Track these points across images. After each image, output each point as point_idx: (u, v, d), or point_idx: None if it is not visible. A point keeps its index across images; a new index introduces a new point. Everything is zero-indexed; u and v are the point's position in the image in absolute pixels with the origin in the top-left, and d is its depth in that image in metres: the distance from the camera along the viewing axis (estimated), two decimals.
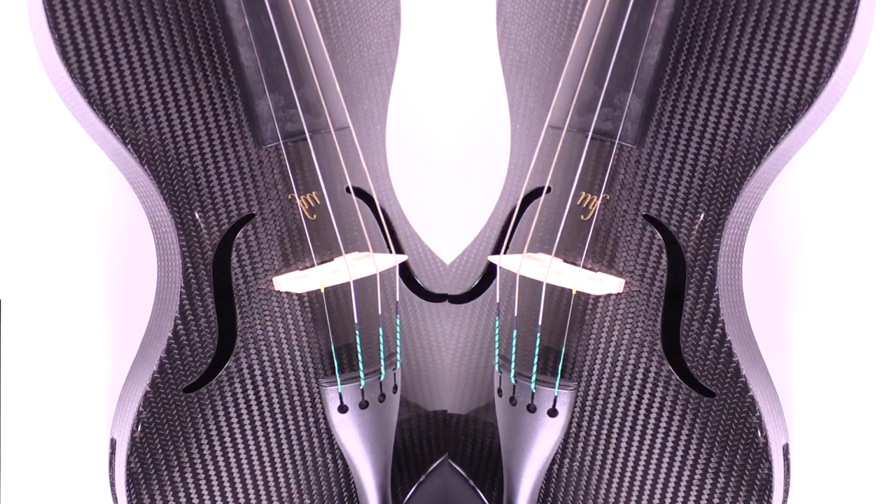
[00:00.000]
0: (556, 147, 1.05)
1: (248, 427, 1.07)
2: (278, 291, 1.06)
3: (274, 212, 1.06)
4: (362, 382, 1.05)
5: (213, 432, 1.06)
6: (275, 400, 1.08)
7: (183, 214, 1.04)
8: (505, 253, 1.09)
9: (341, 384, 1.05)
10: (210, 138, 1.03)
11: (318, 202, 1.05)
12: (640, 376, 1.05)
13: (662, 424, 1.04)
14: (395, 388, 1.07)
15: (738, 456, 1.03)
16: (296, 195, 1.05)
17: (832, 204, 1.24)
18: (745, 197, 1.01)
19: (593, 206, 1.05)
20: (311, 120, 1.04)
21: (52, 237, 1.25)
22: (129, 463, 1.04)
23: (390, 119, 1.16)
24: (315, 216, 1.06)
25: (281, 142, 1.03)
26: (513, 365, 1.05)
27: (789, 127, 0.98)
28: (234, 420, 1.07)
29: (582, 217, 1.05)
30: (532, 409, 1.04)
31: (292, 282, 1.05)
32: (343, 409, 1.05)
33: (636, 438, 1.05)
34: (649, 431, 1.05)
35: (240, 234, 1.05)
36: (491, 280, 1.12)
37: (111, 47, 0.99)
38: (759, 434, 1.02)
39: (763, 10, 0.97)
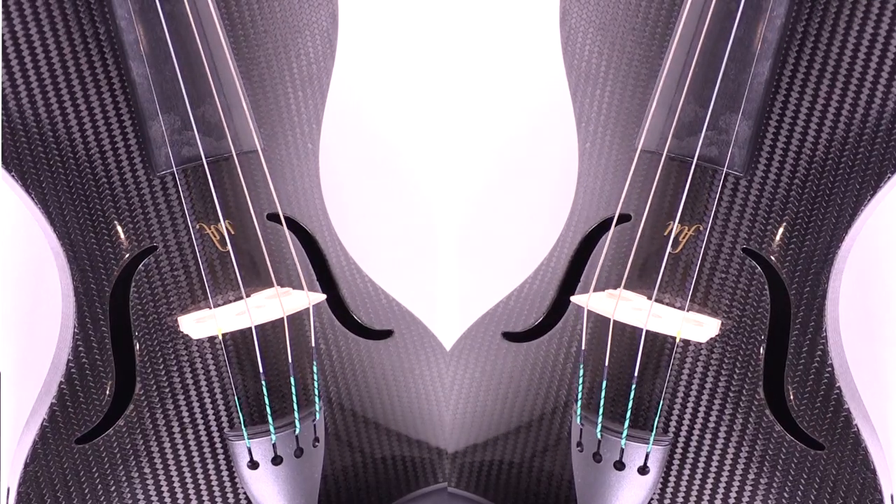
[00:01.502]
0: (642, 171, 0.94)
1: (150, 484, 0.95)
2: (184, 333, 0.94)
3: (180, 244, 0.94)
4: (273, 437, 0.94)
5: (112, 489, 0.94)
6: (181, 453, 0.96)
7: (75, 246, 0.92)
8: (578, 288, 0.99)
9: (249, 438, 0.94)
10: (104, 163, 0.91)
11: (234, 232, 0.95)
12: (738, 427, 0.94)
13: (763, 480, 0.94)
14: (317, 440, 0.96)
15: None
16: (205, 225, 0.94)
17: None
18: (857, 227, 0.91)
19: (684, 237, 0.94)
20: (212, 144, 0.92)
21: None
22: None
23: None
24: (228, 248, 0.95)
25: (175, 168, 0.91)
26: (600, 418, 0.93)
27: None
28: (135, 475, 0.95)
29: (670, 250, 0.94)
30: (620, 466, 0.93)
31: (193, 324, 0.93)
32: (253, 465, 0.94)
33: (733, 495, 0.95)
34: (748, 487, 0.94)
35: (140, 269, 0.93)
36: (557, 318, 1.01)
37: None
38: (875, 490, 0.92)
39: (882, 19, 0.87)
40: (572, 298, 0.96)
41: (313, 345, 0.98)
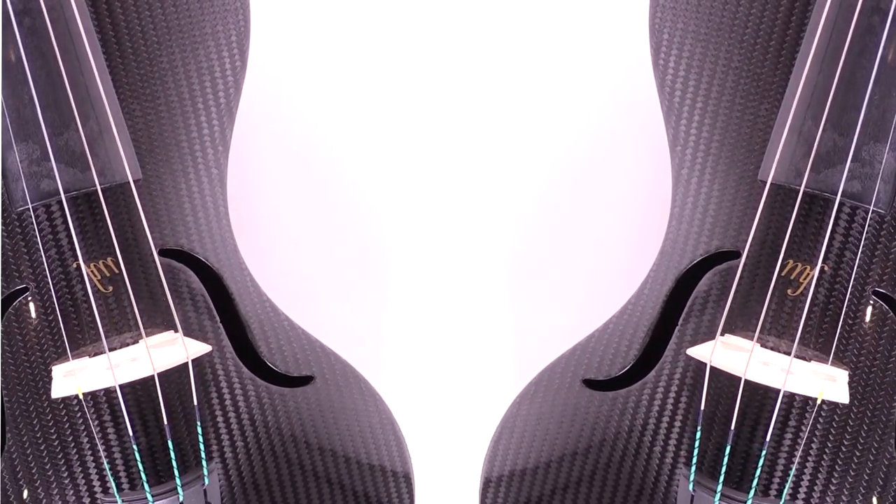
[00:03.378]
0: (753, 203, 0.84)
1: None
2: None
3: (57, 284, 0.83)
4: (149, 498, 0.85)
5: None
6: None
7: None
8: (676, 333, 0.88)
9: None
10: None
11: (118, 271, 0.85)
12: (862, 490, 0.85)
13: None
14: None
15: None
16: (84, 264, 0.83)
17: None
18: None
19: (805, 278, 0.84)
20: (76, 175, 0.81)
21: None
22: None
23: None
24: (111, 288, 0.84)
25: (30, 205, 0.81)
26: (720, 486, 0.83)
27: None
28: None
29: (789, 292, 0.84)
30: None
31: (60, 378, 0.83)
32: None
33: None
34: None
35: (10, 311, 0.83)
36: (649, 366, 0.90)
37: None
38: None
39: None
40: (690, 352, 0.85)
41: (195, 403, 0.87)
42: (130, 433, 0.85)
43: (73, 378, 0.81)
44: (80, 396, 0.83)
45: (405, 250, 1.14)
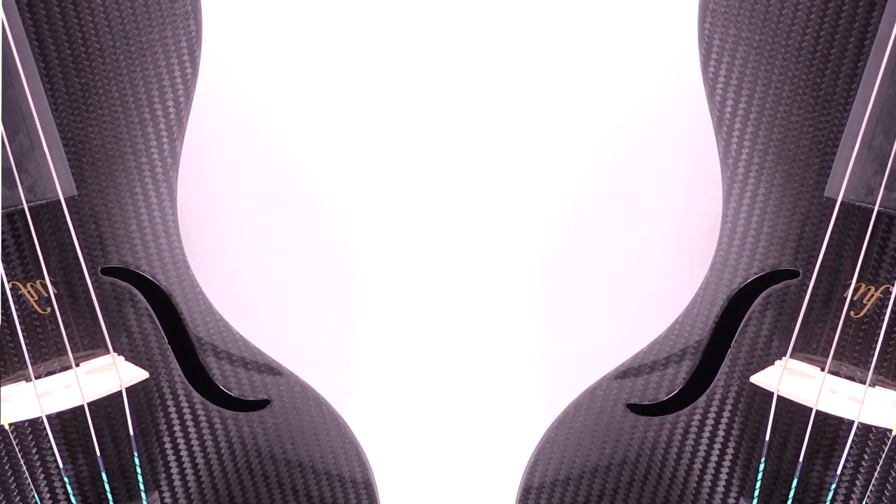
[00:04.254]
0: (814, 221, 0.79)
1: None
2: None
3: None
4: None
5: None
6: None
7: None
8: (729, 355, 0.84)
9: None
10: None
11: (58, 291, 0.81)
12: None
13: None
14: None
15: None
16: (20, 283, 0.79)
17: None
18: None
19: (868, 299, 0.80)
20: (3, 193, 0.76)
21: None
22: None
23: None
24: (48, 309, 0.81)
25: None
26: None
27: None
28: None
29: (852, 314, 0.80)
30: None
31: None
32: None
33: None
34: None
35: None
36: (699, 391, 0.86)
37: None
38: None
39: None
40: (754, 380, 0.80)
41: (132, 433, 0.83)
42: (60, 464, 0.81)
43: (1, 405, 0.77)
44: (6, 427, 0.79)
45: (381, 265, 1.08)
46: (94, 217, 0.81)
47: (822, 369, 0.80)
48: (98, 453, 0.82)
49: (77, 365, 0.80)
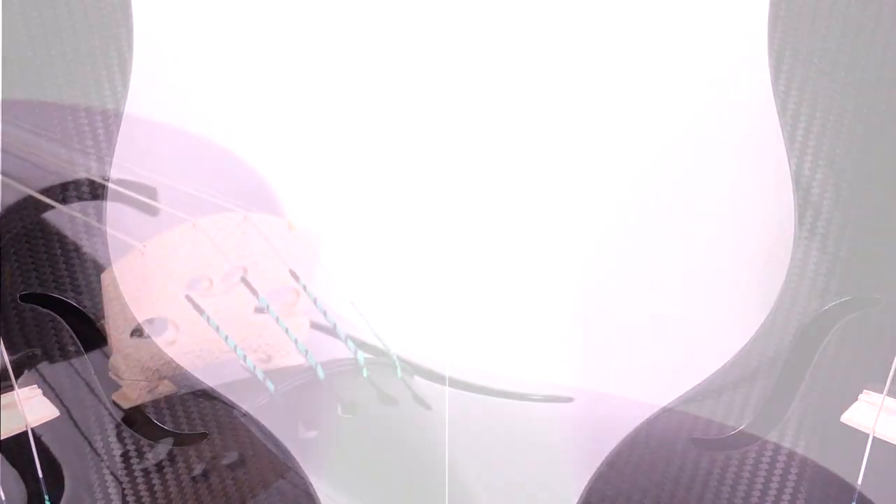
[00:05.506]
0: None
1: None
2: None
3: None
4: None
5: None
6: None
7: None
8: (803, 388, 0.77)
9: None
10: None
11: None
12: None
13: None
14: None
15: None
16: None
17: None
18: None
19: None
20: None
21: None
22: None
23: None
24: None
25: None
26: None
27: None
28: None
29: None
30: None
31: None
32: None
33: None
34: None
35: None
36: (770, 425, 0.79)
37: None
38: None
39: None
40: (845, 419, 0.74)
41: (40, 475, 0.75)
42: None
43: None
44: None
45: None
46: (13, 241, 0.80)
47: None
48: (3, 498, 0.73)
49: None
